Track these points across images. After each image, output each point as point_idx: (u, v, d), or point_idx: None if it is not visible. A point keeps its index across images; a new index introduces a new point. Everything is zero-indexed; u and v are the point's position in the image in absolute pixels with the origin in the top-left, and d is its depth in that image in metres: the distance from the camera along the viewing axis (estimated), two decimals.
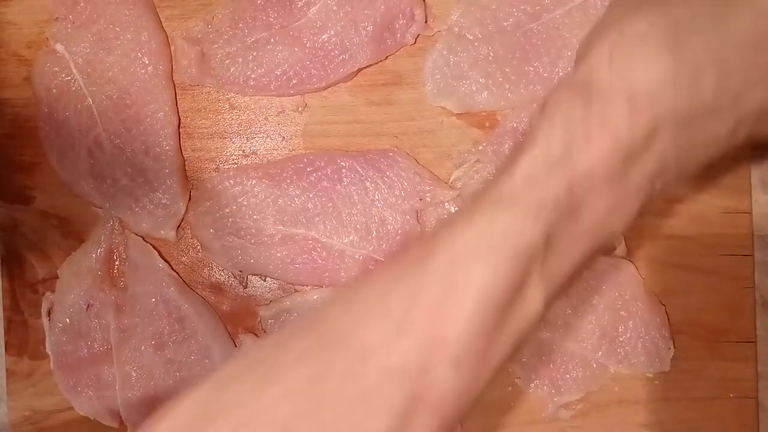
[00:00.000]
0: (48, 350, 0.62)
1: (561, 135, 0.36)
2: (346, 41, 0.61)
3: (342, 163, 0.61)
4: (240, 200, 0.61)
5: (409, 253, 0.37)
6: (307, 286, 0.63)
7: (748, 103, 0.39)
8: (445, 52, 0.62)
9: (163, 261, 0.62)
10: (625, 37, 0.37)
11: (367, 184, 0.61)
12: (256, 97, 0.63)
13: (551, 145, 0.36)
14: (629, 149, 0.37)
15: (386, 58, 0.63)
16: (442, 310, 0.34)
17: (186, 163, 0.63)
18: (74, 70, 0.62)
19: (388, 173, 0.61)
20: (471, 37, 0.62)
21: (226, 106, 0.64)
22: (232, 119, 0.64)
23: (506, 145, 0.62)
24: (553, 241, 0.36)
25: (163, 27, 0.63)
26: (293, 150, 0.64)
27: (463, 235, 0.35)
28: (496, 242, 0.34)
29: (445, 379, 0.33)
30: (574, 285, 0.39)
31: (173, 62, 0.62)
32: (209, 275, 0.64)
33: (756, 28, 0.38)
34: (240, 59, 0.62)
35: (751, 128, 0.41)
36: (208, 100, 0.64)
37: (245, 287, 0.63)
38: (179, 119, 0.63)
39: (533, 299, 0.36)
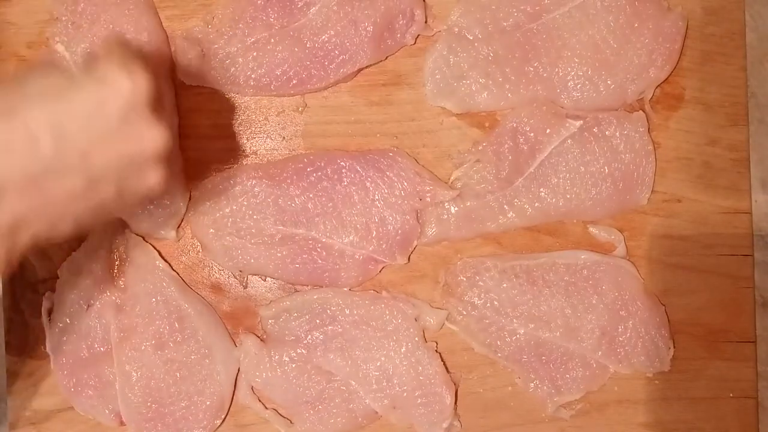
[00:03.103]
0: (48, 350, 0.62)
1: None
2: (346, 41, 0.61)
3: (342, 163, 0.61)
4: (240, 200, 0.61)
5: None
6: (307, 286, 0.63)
7: (98, 162, 0.43)
8: (445, 52, 0.62)
9: (163, 261, 0.62)
10: None
11: (367, 184, 0.61)
12: (256, 97, 0.64)
13: None
14: None
15: (386, 58, 0.63)
16: None
17: (186, 163, 0.63)
18: (74, 70, 0.62)
19: (388, 173, 0.61)
20: (471, 37, 0.62)
21: (226, 106, 0.64)
22: (232, 119, 0.64)
23: (506, 145, 0.62)
24: None
25: (163, 27, 0.63)
26: (293, 150, 0.64)
27: None
28: None
29: None
30: None
31: (173, 62, 0.62)
32: (209, 275, 0.64)
33: (95, 95, 0.43)
34: (240, 59, 0.62)
35: (122, 186, 0.46)
36: (208, 100, 0.64)
37: (245, 287, 0.63)
38: (179, 119, 0.63)
39: None
